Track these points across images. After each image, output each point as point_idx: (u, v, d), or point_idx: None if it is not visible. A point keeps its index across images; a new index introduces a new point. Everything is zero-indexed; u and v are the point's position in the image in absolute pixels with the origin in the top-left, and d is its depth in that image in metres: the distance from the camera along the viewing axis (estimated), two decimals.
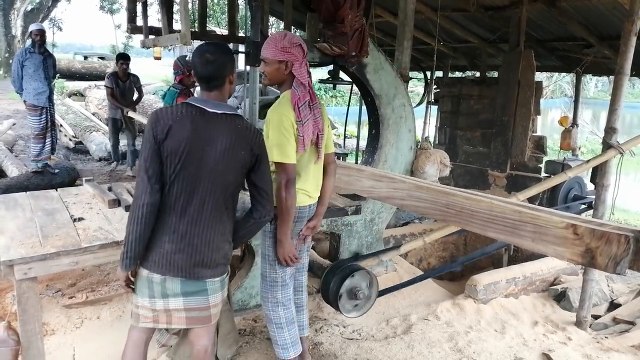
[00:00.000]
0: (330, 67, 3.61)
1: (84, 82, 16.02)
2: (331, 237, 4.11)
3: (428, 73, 8.69)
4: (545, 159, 6.32)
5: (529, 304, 4.12)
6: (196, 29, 4.32)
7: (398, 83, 3.90)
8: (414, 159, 4.14)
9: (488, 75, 7.61)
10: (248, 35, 3.66)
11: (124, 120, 7.00)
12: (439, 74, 8.73)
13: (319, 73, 5.95)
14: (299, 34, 4.26)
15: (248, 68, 3.42)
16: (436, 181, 3.96)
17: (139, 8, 4.78)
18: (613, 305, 4.45)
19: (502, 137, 6.46)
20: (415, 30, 4.37)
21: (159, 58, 6.06)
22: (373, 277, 3.28)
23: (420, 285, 3.99)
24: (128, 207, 2.89)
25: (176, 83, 4.27)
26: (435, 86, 8.17)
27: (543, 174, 6.23)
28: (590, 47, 6.00)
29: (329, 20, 3.34)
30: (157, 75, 22.18)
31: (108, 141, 7.88)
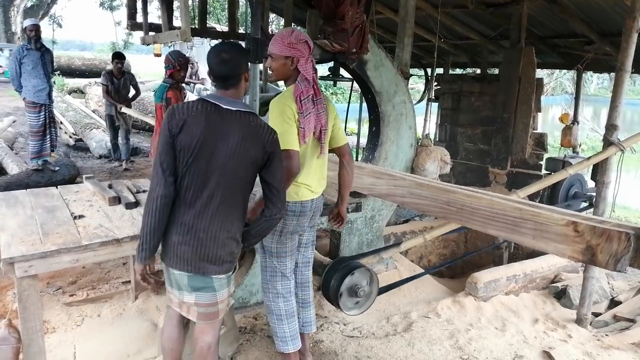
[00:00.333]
0: (330, 64, 3.61)
1: (84, 79, 15.99)
2: (331, 235, 4.12)
3: (429, 70, 8.69)
4: (545, 156, 6.31)
5: (530, 302, 4.12)
6: (196, 26, 4.32)
7: (398, 80, 3.89)
8: (415, 156, 4.13)
9: (489, 72, 7.58)
10: (248, 32, 3.66)
11: (117, 115, 7.04)
12: (440, 71, 8.70)
13: (320, 70, 5.90)
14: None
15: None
16: (436, 178, 3.95)
17: (139, 5, 4.79)
18: (613, 302, 4.45)
19: (503, 134, 6.45)
20: (415, 27, 4.35)
21: (159, 55, 6.09)
22: (373, 275, 3.28)
23: (420, 282, 3.99)
24: (128, 205, 2.89)
25: (167, 77, 4.26)
26: (435, 83, 8.14)
27: (544, 171, 6.22)
28: (591, 44, 5.97)
29: (330, 16, 3.33)
30: (157, 72, 22.11)
31: (108, 138, 7.90)
